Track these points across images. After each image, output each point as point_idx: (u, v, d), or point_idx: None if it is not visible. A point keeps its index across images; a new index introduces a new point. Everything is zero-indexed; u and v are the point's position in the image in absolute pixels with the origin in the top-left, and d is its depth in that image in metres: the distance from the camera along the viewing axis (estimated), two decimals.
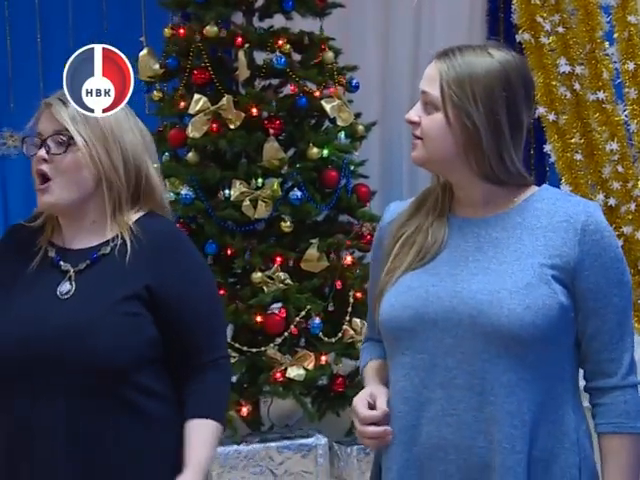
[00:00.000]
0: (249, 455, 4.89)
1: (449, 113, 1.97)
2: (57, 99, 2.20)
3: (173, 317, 2.17)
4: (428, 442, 1.97)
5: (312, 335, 5.06)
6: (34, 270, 2.20)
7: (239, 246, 5.03)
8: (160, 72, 5.33)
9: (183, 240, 2.28)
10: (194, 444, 2.16)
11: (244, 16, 5.35)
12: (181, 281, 2.19)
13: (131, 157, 2.21)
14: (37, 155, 2.17)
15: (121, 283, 2.15)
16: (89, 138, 2.17)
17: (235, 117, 5.04)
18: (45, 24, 6.94)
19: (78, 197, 2.18)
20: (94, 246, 2.20)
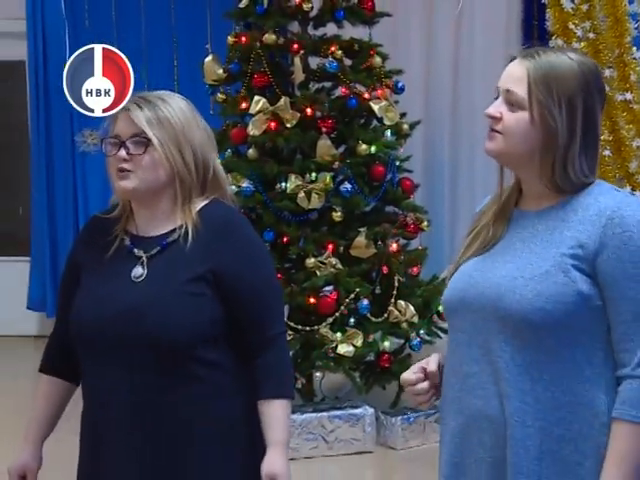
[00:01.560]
0: (303, 424, 4.89)
1: (534, 113, 1.92)
2: (133, 104, 2.20)
3: (235, 296, 2.16)
4: (468, 412, 1.97)
5: (360, 315, 5.05)
6: (111, 256, 2.22)
7: (294, 234, 5.05)
8: (224, 76, 5.35)
9: (244, 225, 2.27)
10: (274, 425, 2.17)
11: (300, 25, 5.35)
12: (242, 263, 2.18)
13: (200, 153, 2.21)
14: (117, 155, 2.17)
15: (188, 266, 2.15)
16: (164, 139, 2.16)
17: (291, 117, 5.05)
18: (121, 34, 7.00)
19: (153, 188, 2.19)
20: (164, 234, 2.20)
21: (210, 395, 2.15)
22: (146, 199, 2.20)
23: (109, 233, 2.24)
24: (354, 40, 5.27)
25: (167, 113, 2.18)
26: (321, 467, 4.84)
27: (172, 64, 6.95)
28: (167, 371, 2.11)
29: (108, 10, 6.95)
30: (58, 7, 6.94)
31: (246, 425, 2.21)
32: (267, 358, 2.19)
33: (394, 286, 5.12)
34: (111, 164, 2.20)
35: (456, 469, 1.99)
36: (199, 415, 2.15)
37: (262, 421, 2.18)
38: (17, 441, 2.34)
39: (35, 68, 7.09)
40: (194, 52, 6.48)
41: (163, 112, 2.18)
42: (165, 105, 2.19)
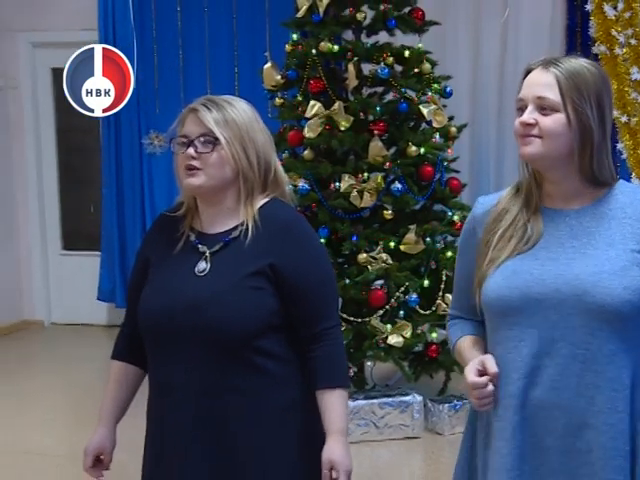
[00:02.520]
0: (355, 410, 4.90)
1: (570, 114, 1.96)
2: (201, 105, 2.20)
3: (292, 290, 2.16)
4: (535, 404, 1.96)
5: (410, 308, 5.05)
6: (177, 252, 2.23)
7: (347, 231, 5.05)
8: (281, 82, 5.37)
9: (302, 223, 2.27)
10: (333, 415, 2.17)
11: (353, 33, 5.35)
12: (300, 259, 2.18)
13: (262, 153, 2.22)
14: (186, 153, 2.18)
15: (248, 261, 2.16)
16: (230, 138, 2.17)
17: (345, 120, 5.06)
18: (186, 43, 7.06)
19: (219, 185, 2.20)
20: (226, 230, 2.21)
21: (269, 384, 2.15)
22: (211, 196, 2.21)
23: (176, 230, 2.26)
24: (405, 47, 5.26)
25: (233, 114, 2.19)
26: (372, 451, 4.85)
27: (233, 71, 6.98)
28: (227, 361, 2.12)
29: (174, 21, 7.01)
30: (127, 19, 7.01)
31: (303, 413, 2.22)
32: (323, 349, 2.19)
33: (442, 280, 5.10)
34: (179, 162, 2.21)
35: (519, 459, 1.98)
36: (258, 403, 2.15)
37: (321, 411, 2.18)
38: (91, 424, 2.36)
39: None
40: (254, 59, 6.52)
41: (229, 113, 2.19)
42: (231, 107, 2.20)
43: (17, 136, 7.67)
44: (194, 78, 7.03)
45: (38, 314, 7.83)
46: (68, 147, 7.82)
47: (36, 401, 5.92)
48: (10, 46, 7.52)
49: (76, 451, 2.39)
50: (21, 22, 7.44)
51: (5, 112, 7.59)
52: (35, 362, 7.01)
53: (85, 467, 2.31)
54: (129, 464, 2.55)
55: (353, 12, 5.17)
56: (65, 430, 5.43)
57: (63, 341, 7.47)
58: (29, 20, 7.42)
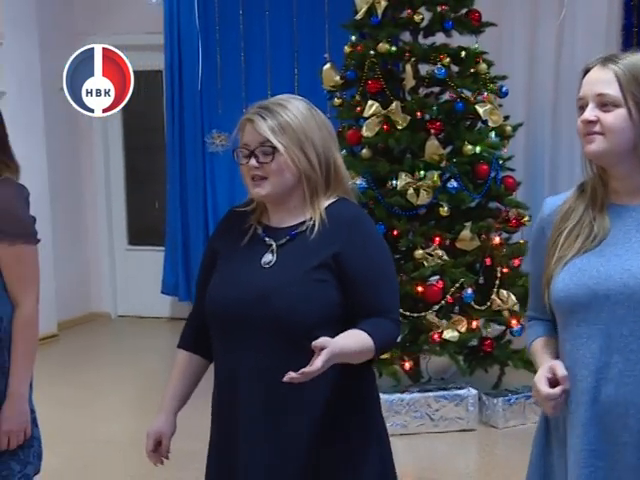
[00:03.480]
0: (410, 402, 4.91)
1: (631, 109, 1.95)
2: (256, 115, 2.19)
3: (355, 283, 2.16)
4: (607, 400, 1.93)
5: (465, 303, 5.04)
6: (245, 244, 2.25)
7: (404, 228, 5.06)
8: (340, 82, 5.39)
9: (366, 221, 2.27)
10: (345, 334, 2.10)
11: (411, 34, 5.35)
12: (363, 251, 2.18)
13: (322, 151, 2.21)
14: (249, 164, 2.19)
15: (313, 255, 2.16)
16: (288, 144, 2.17)
17: (402, 119, 5.07)
18: (248, 45, 7.11)
19: (283, 190, 2.21)
20: (293, 225, 2.22)
21: (330, 374, 2.12)
22: (278, 199, 2.23)
23: (244, 223, 2.28)
24: (461, 48, 5.25)
25: (287, 118, 2.18)
26: (427, 443, 4.85)
27: (293, 72, 7.02)
28: (291, 350, 2.12)
29: (236, 24, 7.07)
30: (192, 22, 7.09)
31: (362, 407, 2.23)
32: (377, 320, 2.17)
33: (497, 276, 5.09)
34: (245, 172, 2.22)
35: (593, 455, 1.96)
36: (320, 393, 2.15)
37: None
38: (155, 414, 2.39)
39: (171, 77, 7.25)
40: (313, 60, 6.55)
41: (284, 118, 2.18)
42: (285, 111, 2.19)
43: (85, 136, 7.80)
44: (255, 79, 7.09)
45: (105, 307, 7.97)
46: (134, 146, 7.94)
47: (103, 391, 6.02)
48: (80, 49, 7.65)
49: (140, 440, 2.43)
50: (91, 26, 7.56)
51: (75, 113, 7.67)
52: (102, 353, 7.13)
53: (147, 450, 2.35)
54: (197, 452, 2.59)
55: (411, 14, 5.18)
56: (130, 419, 5.51)
57: (129, 333, 7.59)
58: (98, 24, 7.54)
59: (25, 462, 2.66)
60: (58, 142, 7.41)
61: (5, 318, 2.59)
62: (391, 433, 2.38)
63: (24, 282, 2.62)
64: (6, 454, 2.61)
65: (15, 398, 2.61)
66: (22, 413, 2.63)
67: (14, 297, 2.61)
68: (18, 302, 2.61)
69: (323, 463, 2.17)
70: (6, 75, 6.71)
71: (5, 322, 2.60)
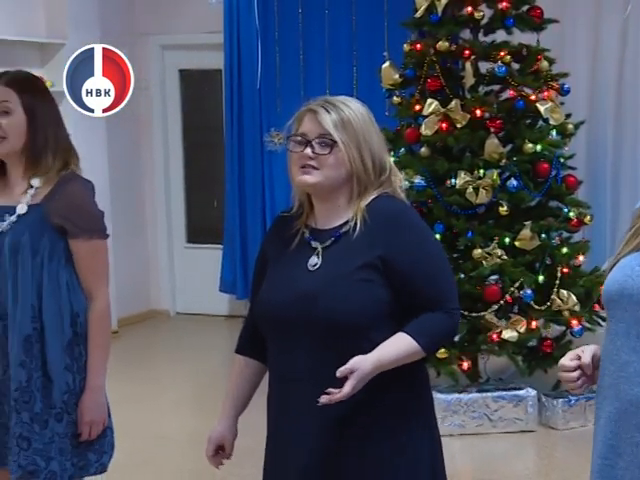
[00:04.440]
0: (469, 403, 4.89)
1: None
2: (321, 107, 2.21)
3: (404, 281, 2.16)
4: (624, 398, 1.92)
5: (524, 303, 5.00)
6: (293, 248, 2.27)
7: (462, 227, 5.04)
8: (399, 81, 5.38)
9: (412, 215, 2.27)
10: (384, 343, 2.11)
11: (471, 32, 5.32)
12: (409, 248, 2.18)
13: (377, 155, 2.23)
14: (303, 153, 2.20)
15: (358, 255, 2.17)
16: (347, 142, 2.18)
17: (461, 118, 5.04)
18: (306, 44, 7.13)
19: (331, 185, 2.22)
20: (337, 226, 2.23)
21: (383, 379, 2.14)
22: (325, 194, 2.24)
23: (292, 228, 2.30)
24: (522, 45, 5.21)
25: (350, 116, 2.20)
26: (485, 443, 4.82)
27: (352, 70, 7.02)
28: (341, 351, 2.12)
29: (295, 23, 7.09)
30: (252, 21, 7.13)
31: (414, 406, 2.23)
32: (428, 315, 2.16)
33: (557, 276, 5.04)
34: (294, 160, 2.23)
35: (613, 451, 1.95)
36: (371, 393, 2.15)
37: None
38: (213, 410, 2.42)
39: (230, 76, 7.30)
40: (372, 59, 6.54)
41: (347, 115, 2.19)
42: (348, 109, 2.21)
43: (146, 134, 7.89)
44: (314, 77, 7.10)
45: (164, 304, 8.05)
46: (193, 145, 8.01)
47: (162, 387, 6.09)
48: (142, 49, 7.76)
49: (198, 436, 2.46)
50: (152, 26, 7.66)
51: (136, 112, 7.81)
52: (161, 350, 7.21)
53: (207, 455, 2.39)
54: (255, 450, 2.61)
55: (471, 11, 5.15)
56: (189, 416, 5.57)
57: (187, 330, 7.66)
58: (159, 24, 7.63)
59: (101, 452, 2.74)
60: (119, 140, 7.51)
61: (81, 313, 2.67)
62: (449, 433, 2.39)
63: (98, 276, 2.71)
64: (81, 446, 2.69)
65: (94, 390, 2.69)
66: (101, 404, 2.72)
67: (89, 291, 2.69)
68: (93, 296, 2.69)
69: (373, 461, 2.18)
70: None
71: (82, 317, 2.67)
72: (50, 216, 2.63)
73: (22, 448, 2.60)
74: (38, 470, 2.61)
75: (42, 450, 2.61)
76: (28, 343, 2.61)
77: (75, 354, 2.67)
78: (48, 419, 2.63)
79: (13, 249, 2.62)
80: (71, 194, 2.65)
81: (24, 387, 2.61)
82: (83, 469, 2.71)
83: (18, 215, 2.65)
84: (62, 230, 2.65)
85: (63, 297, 2.64)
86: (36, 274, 2.62)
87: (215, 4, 7.16)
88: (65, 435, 2.65)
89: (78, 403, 2.67)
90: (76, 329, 2.67)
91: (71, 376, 2.66)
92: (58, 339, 2.64)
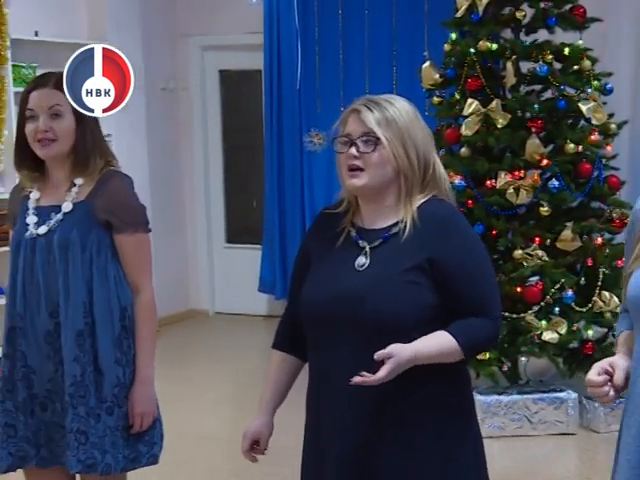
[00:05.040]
0: (508, 404, 4.86)
1: None
2: (363, 106, 2.22)
3: (450, 284, 2.16)
4: None
5: (565, 304, 4.96)
6: (339, 246, 2.27)
7: (503, 227, 5.01)
8: (439, 81, 5.37)
9: (461, 220, 2.27)
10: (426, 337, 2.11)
11: (512, 32, 5.29)
12: (458, 253, 2.18)
13: (422, 152, 2.22)
14: (348, 153, 2.21)
15: (406, 257, 2.16)
16: (391, 139, 2.19)
17: (502, 118, 5.02)
18: (346, 44, 7.13)
19: (379, 184, 2.22)
20: (386, 227, 2.23)
21: (422, 375, 2.14)
22: (373, 195, 2.23)
23: (337, 225, 2.29)
24: (565, 45, 5.17)
25: (394, 114, 2.20)
26: (525, 446, 4.79)
27: (392, 70, 7.01)
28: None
29: (335, 23, 7.10)
30: (292, 21, 7.15)
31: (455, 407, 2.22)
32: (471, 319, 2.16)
33: (598, 278, 5.00)
34: (342, 162, 2.24)
35: None
36: (411, 393, 2.16)
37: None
38: (252, 410, 2.42)
39: (270, 76, 7.33)
40: (412, 59, 6.53)
41: (390, 113, 2.20)
42: (392, 107, 2.21)
43: (186, 135, 7.94)
44: (354, 78, 7.10)
45: (203, 304, 8.10)
46: (233, 145, 8.05)
47: (201, 387, 6.12)
48: (182, 50, 7.81)
49: (237, 436, 2.46)
50: (192, 27, 7.71)
51: (176, 112, 7.88)
52: (200, 349, 7.25)
53: (242, 449, 2.39)
54: (292, 449, 2.62)
55: (513, 11, 5.12)
56: (227, 415, 5.59)
57: (226, 330, 7.69)
58: (199, 25, 7.68)
59: (151, 443, 2.78)
60: (159, 141, 7.57)
61: (129, 307, 2.72)
62: (488, 435, 2.37)
63: (143, 269, 2.76)
64: (132, 439, 2.73)
65: (144, 382, 2.74)
66: (151, 395, 2.77)
67: (134, 284, 2.74)
68: (138, 289, 2.75)
69: (415, 462, 2.17)
70: None
71: (129, 310, 2.72)
72: (96, 212, 2.68)
73: (80, 442, 2.64)
74: (96, 463, 2.65)
75: (98, 444, 2.65)
76: (81, 338, 2.65)
77: (124, 347, 2.71)
78: (100, 413, 2.67)
79: (62, 246, 2.66)
80: (115, 190, 2.70)
81: (79, 382, 2.65)
82: (135, 461, 2.75)
83: (64, 213, 2.69)
84: (108, 225, 2.70)
85: (112, 291, 2.69)
86: (86, 270, 2.67)
87: (255, 4, 7.19)
88: (116, 428, 2.69)
89: (128, 396, 2.71)
90: (124, 323, 2.71)
91: (121, 369, 2.70)
92: (108, 333, 2.68)
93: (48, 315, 2.68)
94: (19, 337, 2.72)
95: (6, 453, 2.74)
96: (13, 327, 2.73)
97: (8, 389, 2.74)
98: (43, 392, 2.72)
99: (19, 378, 2.72)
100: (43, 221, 2.71)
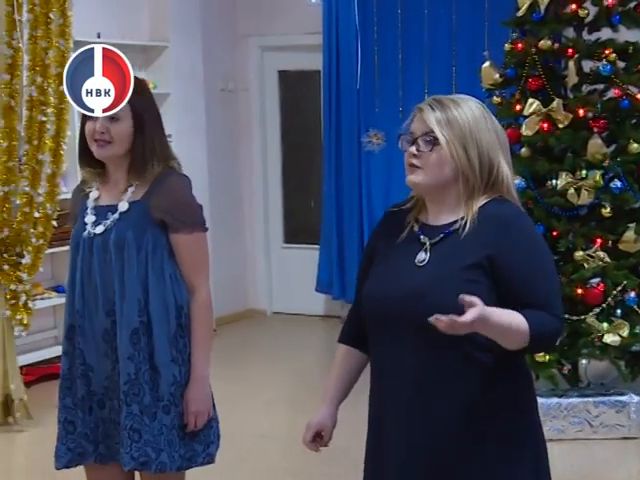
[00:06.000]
0: (569, 407, 4.80)
1: None
2: (427, 105, 2.22)
3: (513, 283, 2.14)
4: None
5: (627, 307, 4.88)
6: (401, 242, 2.27)
7: (563, 228, 4.95)
8: (499, 80, 5.31)
9: (525, 220, 2.25)
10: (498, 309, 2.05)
11: (574, 30, 5.22)
12: (520, 252, 2.16)
13: (486, 154, 2.19)
14: (408, 150, 2.22)
15: (466, 254, 2.15)
16: (451, 139, 2.17)
17: (564, 117, 4.95)
18: (405, 43, 7.11)
19: (436, 184, 2.21)
20: (447, 223, 2.22)
21: (479, 374, 2.14)
22: (432, 193, 2.23)
23: (402, 221, 2.29)
24: (629, 43, 5.08)
25: (456, 114, 2.18)
26: (585, 450, 4.74)
27: (451, 70, 6.97)
28: (441, 348, 2.11)
29: (394, 23, 7.09)
30: (351, 22, 7.15)
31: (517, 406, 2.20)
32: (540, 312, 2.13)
33: None
34: (405, 158, 2.25)
35: None
36: (471, 390, 2.14)
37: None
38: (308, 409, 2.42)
39: (329, 77, 7.33)
40: (472, 58, 6.49)
41: (452, 113, 2.18)
42: (456, 107, 2.20)
43: (245, 135, 7.99)
44: (413, 78, 7.08)
45: (261, 304, 8.13)
46: (292, 146, 8.07)
47: (258, 386, 6.15)
48: (242, 51, 7.86)
49: (294, 435, 2.46)
50: (252, 28, 7.76)
51: (235, 113, 7.93)
52: (258, 349, 7.29)
53: (304, 440, 2.38)
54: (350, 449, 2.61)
55: (575, 9, 5.05)
56: (284, 415, 5.60)
57: (283, 330, 7.71)
58: (259, 26, 7.72)
59: (207, 442, 2.79)
60: (218, 141, 7.62)
61: (185, 306, 2.74)
62: (548, 438, 2.33)
63: (199, 268, 2.78)
64: (188, 437, 2.75)
65: (199, 381, 2.75)
66: (206, 395, 2.78)
67: (191, 284, 2.76)
68: (195, 288, 2.76)
69: (474, 463, 2.15)
70: (171, 77, 6.96)
71: (185, 309, 2.74)
72: (152, 211, 2.70)
73: (133, 440, 2.67)
74: (149, 461, 2.68)
75: (152, 442, 2.68)
76: (136, 336, 2.68)
77: (180, 346, 2.73)
78: (156, 411, 2.69)
79: (118, 246, 2.69)
80: (171, 189, 2.72)
81: (133, 380, 2.68)
82: (191, 460, 2.77)
83: (120, 213, 2.72)
84: (163, 224, 2.71)
85: (167, 290, 2.71)
86: (141, 269, 2.69)
87: (314, 5, 7.20)
88: (172, 427, 2.71)
89: (183, 394, 2.73)
90: (180, 321, 2.73)
91: (177, 368, 2.72)
92: (164, 332, 2.70)
93: (105, 314, 2.72)
94: (78, 335, 2.76)
95: (65, 449, 2.78)
96: (72, 325, 2.77)
97: (67, 386, 2.79)
98: (101, 390, 2.75)
99: (78, 375, 2.76)
100: (100, 220, 2.74)
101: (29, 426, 5.16)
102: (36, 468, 4.60)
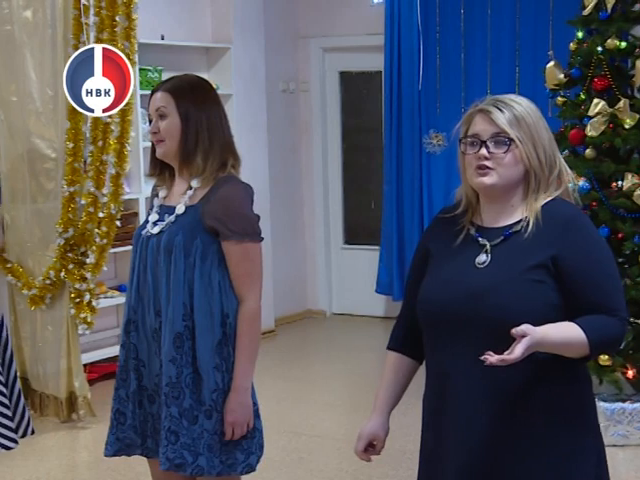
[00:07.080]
0: (633, 412, 4.71)
1: None
2: (492, 106, 2.21)
3: (577, 284, 2.12)
4: None
5: None
6: (458, 245, 2.26)
7: (629, 230, 4.87)
8: (564, 81, 5.25)
9: (586, 221, 2.23)
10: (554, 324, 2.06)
11: None
12: (582, 252, 2.14)
13: (548, 151, 2.21)
14: (479, 154, 2.20)
15: (529, 255, 2.14)
16: (522, 138, 2.18)
17: (630, 118, 4.88)
18: (468, 44, 7.06)
19: (508, 183, 2.20)
20: (507, 225, 2.21)
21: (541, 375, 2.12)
22: (500, 193, 2.22)
23: (455, 225, 2.29)
24: None
25: (522, 113, 2.19)
26: None
27: (514, 70, 6.90)
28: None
29: (457, 23, 7.04)
30: (413, 22, 7.12)
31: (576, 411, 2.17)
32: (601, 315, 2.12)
33: None
34: (469, 162, 2.23)
35: None
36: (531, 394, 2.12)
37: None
38: (367, 410, 2.41)
39: (390, 77, 7.31)
40: (535, 58, 6.42)
41: (519, 112, 2.19)
42: (519, 106, 2.20)
43: (306, 136, 8.01)
44: (475, 78, 7.03)
45: (321, 304, 8.14)
46: (352, 146, 8.07)
47: (317, 386, 6.16)
48: (303, 51, 7.88)
49: (352, 436, 2.45)
50: (313, 29, 7.77)
51: (296, 113, 7.95)
52: (317, 350, 7.29)
53: (356, 450, 2.38)
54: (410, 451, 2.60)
55: None
56: (343, 415, 5.60)
57: (343, 331, 7.71)
58: (320, 27, 7.73)
59: (248, 452, 2.77)
60: (279, 141, 7.65)
61: (231, 314, 2.72)
62: (611, 443, 2.30)
63: (249, 278, 2.74)
64: (230, 444, 2.74)
65: (239, 391, 2.73)
66: (246, 406, 2.74)
67: (239, 293, 2.73)
68: (243, 298, 2.73)
69: (533, 466, 2.13)
70: (234, 77, 7.01)
71: (231, 318, 2.72)
72: (204, 218, 2.70)
73: (170, 442, 2.68)
74: (185, 464, 2.69)
75: (190, 445, 2.68)
76: (179, 340, 2.69)
77: (224, 354, 2.72)
78: (198, 415, 2.70)
79: (167, 249, 2.71)
80: (225, 196, 2.70)
81: (174, 383, 2.69)
82: (231, 467, 2.75)
83: (176, 215, 2.74)
84: (215, 232, 2.70)
85: (214, 297, 2.70)
86: (188, 274, 2.69)
87: (376, 5, 7.19)
88: (214, 432, 2.71)
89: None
90: (225, 329, 2.71)
91: (220, 375, 2.71)
92: (208, 338, 2.69)
93: (155, 313, 2.74)
94: (132, 330, 2.80)
95: (114, 438, 2.82)
96: (129, 320, 2.81)
97: (123, 378, 2.83)
98: (152, 385, 2.78)
99: (131, 369, 2.80)
100: (160, 221, 2.77)
101: (92, 423, 5.24)
102: (99, 464, 4.66)
